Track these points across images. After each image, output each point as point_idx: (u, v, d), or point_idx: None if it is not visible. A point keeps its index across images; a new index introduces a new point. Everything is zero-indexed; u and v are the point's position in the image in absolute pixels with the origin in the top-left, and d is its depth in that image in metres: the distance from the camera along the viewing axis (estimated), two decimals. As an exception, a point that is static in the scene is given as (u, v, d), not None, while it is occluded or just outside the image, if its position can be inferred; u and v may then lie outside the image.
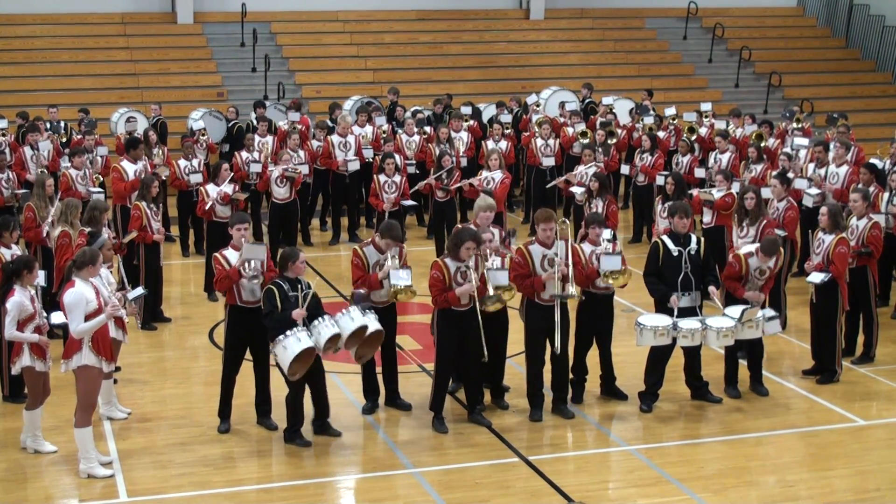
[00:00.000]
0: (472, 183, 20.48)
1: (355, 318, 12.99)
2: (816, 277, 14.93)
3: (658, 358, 14.26)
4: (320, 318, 12.86)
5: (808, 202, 18.93)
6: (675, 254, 14.21)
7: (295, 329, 12.58)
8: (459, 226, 14.84)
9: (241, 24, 32.85)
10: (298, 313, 12.66)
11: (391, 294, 13.78)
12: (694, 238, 14.33)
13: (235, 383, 13.60)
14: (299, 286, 12.94)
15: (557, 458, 12.97)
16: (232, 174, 20.10)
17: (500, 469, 12.66)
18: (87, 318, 12.05)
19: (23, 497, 12.03)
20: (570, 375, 14.37)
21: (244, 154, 22.44)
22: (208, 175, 20.23)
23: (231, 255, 13.39)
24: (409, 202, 21.53)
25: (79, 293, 12.06)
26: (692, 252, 14.18)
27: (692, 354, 14.35)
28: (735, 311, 13.97)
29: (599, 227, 14.42)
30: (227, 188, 19.28)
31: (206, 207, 19.06)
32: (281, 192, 21.40)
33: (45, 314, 12.99)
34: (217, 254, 13.53)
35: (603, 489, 12.45)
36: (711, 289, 14.17)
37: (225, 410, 13.72)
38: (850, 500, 11.63)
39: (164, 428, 13.87)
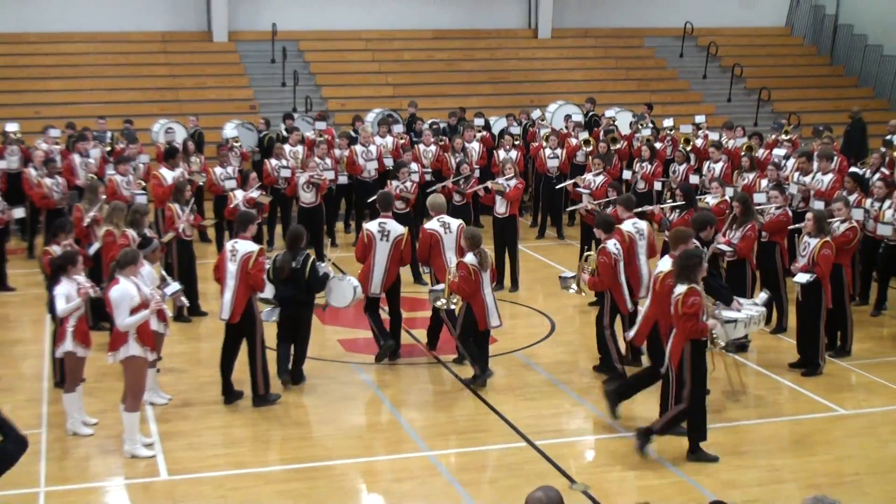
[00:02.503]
0: (488, 186, 20.50)
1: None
2: (802, 278, 14.95)
3: None
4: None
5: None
6: None
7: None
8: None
9: (271, 42, 32.91)
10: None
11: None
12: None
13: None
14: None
15: (562, 443, 13.01)
16: (259, 181, 20.22)
17: (509, 453, 12.70)
18: (132, 312, 12.17)
19: (73, 475, 12.11)
20: None
21: (273, 161, 22.51)
22: (241, 181, 20.34)
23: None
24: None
25: (123, 290, 12.18)
26: None
27: None
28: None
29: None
30: (254, 193, 19.38)
31: (231, 206, 19.25)
32: (307, 197, 21.48)
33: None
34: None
35: (602, 472, 12.50)
36: None
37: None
38: (831, 483, 11.64)
39: (200, 412, 13.93)
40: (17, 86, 30.57)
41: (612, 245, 14.76)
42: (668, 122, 26.75)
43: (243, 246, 14.07)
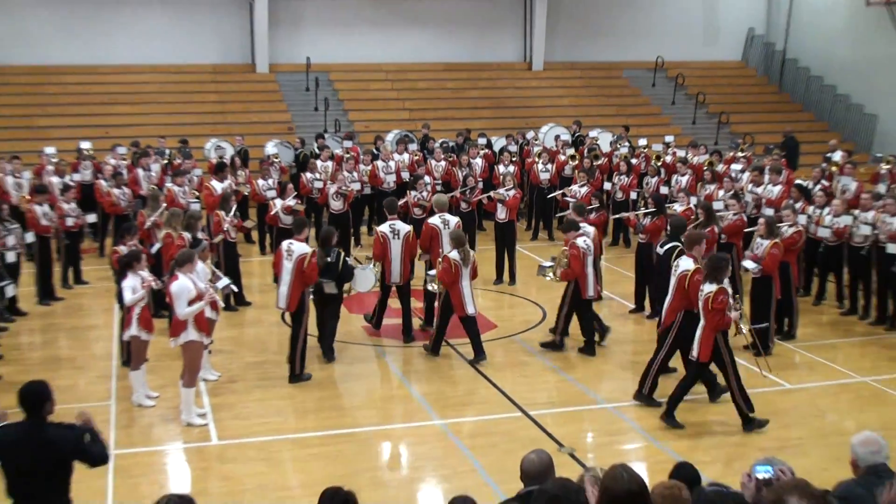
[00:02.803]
0: (491, 196, 20.55)
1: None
2: (749, 264, 15.16)
3: None
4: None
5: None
6: None
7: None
8: None
9: (306, 73, 32.90)
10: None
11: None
12: None
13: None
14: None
15: (552, 413, 13.02)
16: (296, 191, 20.25)
17: (507, 421, 12.74)
18: (189, 303, 12.23)
19: (138, 440, 12.16)
20: None
21: (308, 175, 22.49)
22: (280, 191, 20.37)
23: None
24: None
25: (182, 285, 12.26)
26: None
27: None
28: None
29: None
30: (291, 202, 19.42)
31: (272, 214, 19.35)
32: (336, 205, 21.47)
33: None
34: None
35: (585, 437, 12.54)
36: None
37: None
38: (779, 447, 11.63)
39: (245, 387, 13.97)
40: (89, 110, 30.61)
41: (581, 241, 15.18)
42: (642, 142, 26.75)
43: (298, 247, 14.22)
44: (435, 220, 16.61)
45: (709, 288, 12.01)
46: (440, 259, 15.16)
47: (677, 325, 12.73)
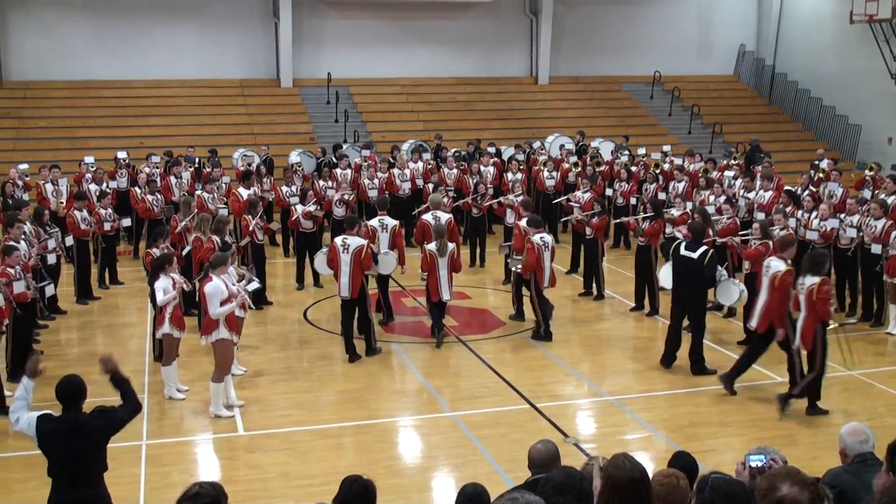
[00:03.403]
0: (500, 201, 20.51)
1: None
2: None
3: None
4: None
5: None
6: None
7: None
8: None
9: (327, 87, 32.91)
10: None
11: None
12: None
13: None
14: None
15: (557, 405, 12.97)
16: (315, 197, 20.17)
17: (515, 413, 12.67)
18: (222, 303, 12.20)
19: (169, 432, 12.14)
20: None
21: (321, 182, 22.32)
22: (301, 197, 20.30)
23: None
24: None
25: (216, 286, 12.22)
26: None
27: None
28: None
29: None
30: (311, 207, 19.35)
31: (293, 218, 19.28)
32: (339, 212, 21.14)
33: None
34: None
35: (589, 428, 12.47)
36: None
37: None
38: (771, 436, 11.52)
39: (270, 381, 13.94)
40: (125, 122, 30.66)
41: (538, 238, 15.77)
42: (641, 151, 26.71)
43: (354, 241, 14.81)
44: (427, 216, 17.23)
45: (811, 280, 12.09)
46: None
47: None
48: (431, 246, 15.55)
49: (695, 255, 14.16)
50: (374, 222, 16.77)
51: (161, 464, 11.04)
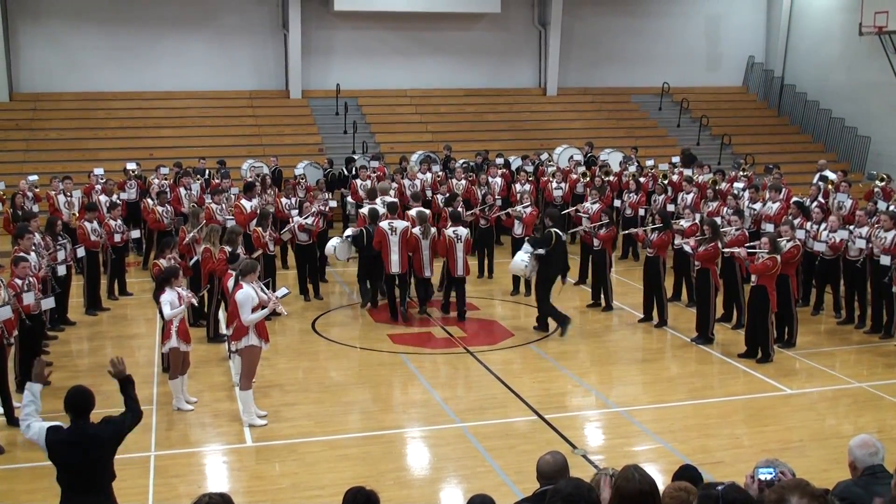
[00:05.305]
0: (509, 212, 20.52)
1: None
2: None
3: None
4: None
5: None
6: None
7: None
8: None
9: (336, 98, 33.00)
10: None
11: None
12: None
13: None
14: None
15: (565, 417, 12.93)
16: (313, 209, 19.78)
17: (524, 424, 12.64)
18: (253, 310, 12.20)
19: (178, 442, 12.11)
20: None
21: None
22: (299, 209, 20.20)
23: None
24: None
25: (247, 293, 12.22)
26: None
27: None
28: None
29: None
30: (308, 220, 19.23)
31: (284, 230, 19.33)
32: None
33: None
34: None
35: (598, 439, 12.43)
36: None
37: None
38: (780, 448, 11.52)
39: (279, 392, 13.91)
40: (135, 133, 30.77)
41: (451, 231, 17.68)
42: (650, 162, 26.72)
43: (399, 223, 17.64)
44: (416, 230, 17.98)
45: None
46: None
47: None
48: (416, 230, 17.58)
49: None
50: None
51: (169, 475, 11.02)
